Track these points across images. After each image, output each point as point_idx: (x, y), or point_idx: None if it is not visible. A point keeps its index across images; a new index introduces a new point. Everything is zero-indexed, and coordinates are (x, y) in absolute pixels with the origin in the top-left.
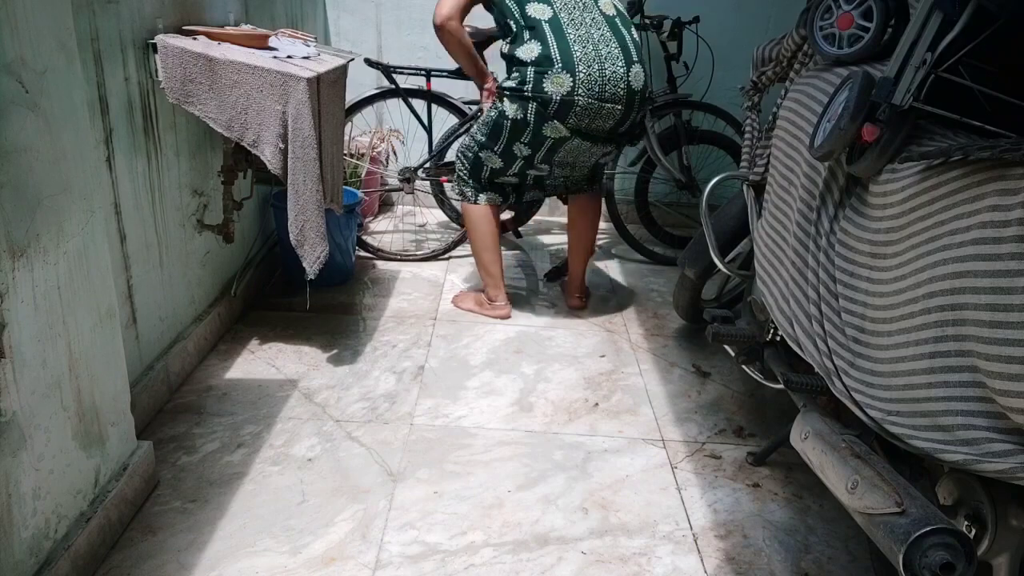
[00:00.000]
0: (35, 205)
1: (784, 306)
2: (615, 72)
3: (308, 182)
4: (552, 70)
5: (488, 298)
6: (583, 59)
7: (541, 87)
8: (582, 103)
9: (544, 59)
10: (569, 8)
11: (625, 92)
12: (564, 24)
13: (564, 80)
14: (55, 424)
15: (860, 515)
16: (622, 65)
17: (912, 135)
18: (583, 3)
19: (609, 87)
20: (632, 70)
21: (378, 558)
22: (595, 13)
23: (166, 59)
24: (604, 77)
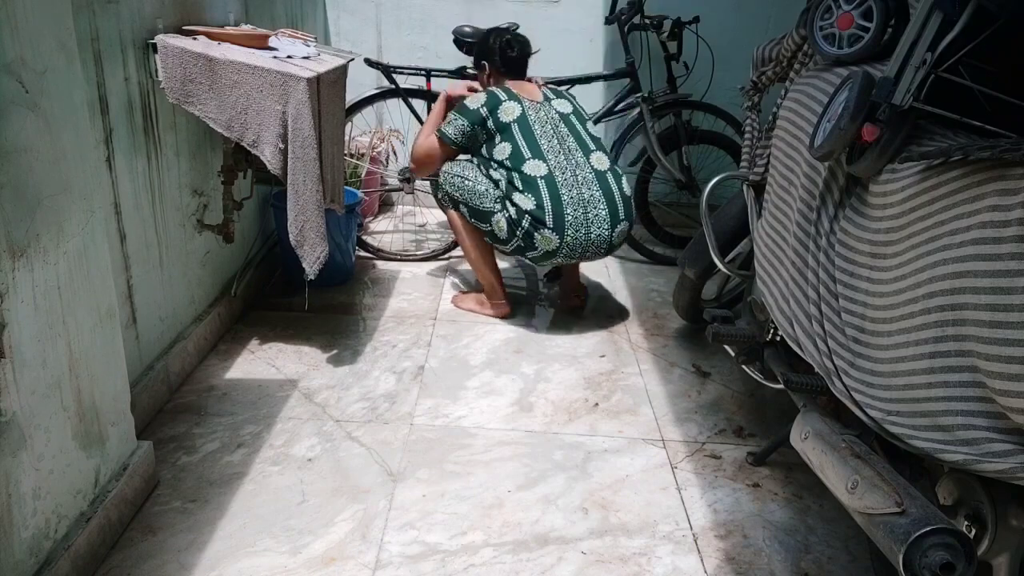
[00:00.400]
0: (35, 205)
1: (784, 306)
2: (600, 235)
3: (308, 182)
4: (543, 229)
5: (488, 296)
6: (572, 223)
7: (531, 240)
8: (563, 254)
9: (536, 216)
10: (563, 167)
11: (606, 249)
12: (559, 184)
13: (552, 239)
14: (55, 424)
15: (860, 515)
16: (607, 228)
17: (912, 135)
18: (576, 161)
19: (591, 249)
20: (617, 229)
21: (378, 558)
22: (587, 171)
23: (166, 59)
24: (589, 240)
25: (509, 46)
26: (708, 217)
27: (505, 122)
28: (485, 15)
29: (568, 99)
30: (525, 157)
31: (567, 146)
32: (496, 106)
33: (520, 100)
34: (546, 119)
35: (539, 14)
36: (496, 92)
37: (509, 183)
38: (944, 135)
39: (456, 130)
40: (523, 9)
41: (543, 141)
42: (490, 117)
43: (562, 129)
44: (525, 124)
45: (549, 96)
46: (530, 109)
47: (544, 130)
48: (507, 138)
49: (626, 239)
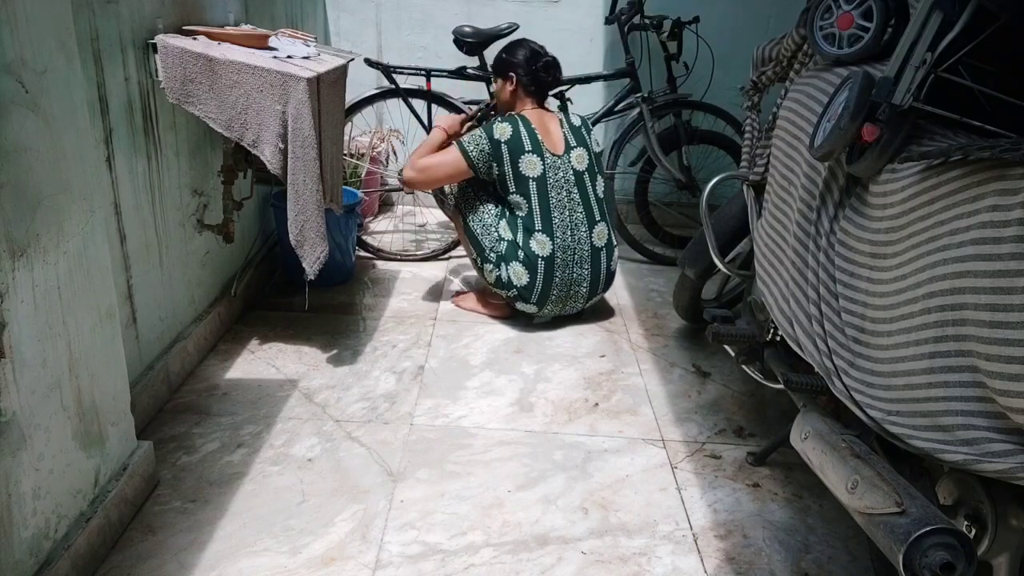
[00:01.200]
0: (35, 205)
1: (784, 306)
2: (573, 307)
3: (308, 182)
4: (525, 302)
5: (489, 296)
6: (553, 300)
7: (513, 301)
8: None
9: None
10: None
11: (575, 315)
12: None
13: (530, 308)
14: (55, 424)
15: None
16: (582, 303)
17: (912, 135)
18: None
19: (563, 314)
20: (591, 302)
21: (378, 558)
22: (586, 248)
23: (166, 59)
24: (563, 310)
25: (546, 70)
26: (708, 217)
27: (526, 176)
28: (485, 15)
29: (585, 144)
30: (535, 228)
31: (575, 218)
32: (518, 153)
33: (543, 154)
34: (563, 181)
35: (539, 14)
36: (520, 136)
37: (513, 249)
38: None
39: (477, 148)
40: (523, 9)
41: (555, 212)
42: (508, 159)
43: (575, 196)
44: (543, 187)
45: (570, 143)
46: (550, 168)
47: (559, 197)
48: (523, 193)
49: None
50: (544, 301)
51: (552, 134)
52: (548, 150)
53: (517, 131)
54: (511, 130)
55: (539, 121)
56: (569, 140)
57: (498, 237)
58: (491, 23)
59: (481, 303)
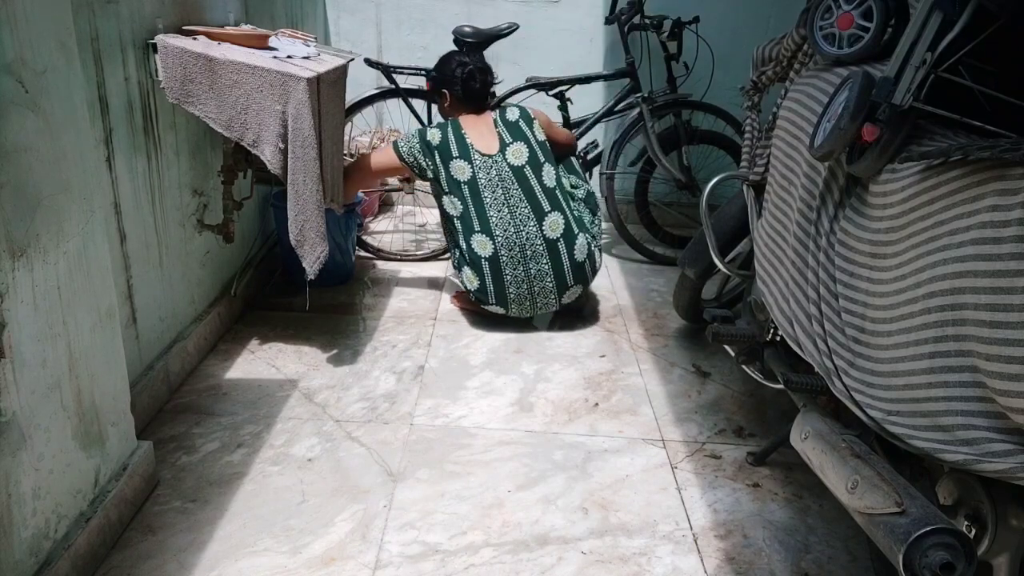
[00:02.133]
0: (35, 205)
1: (784, 306)
2: (547, 303)
3: (308, 182)
4: (489, 304)
5: None
6: (515, 299)
7: (483, 305)
8: (514, 316)
9: (479, 296)
10: (510, 243)
11: (557, 311)
12: (503, 264)
13: (498, 309)
14: (55, 424)
15: (860, 515)
16: (553, 298)
17: (912, 135)
18: (526, 233)
19: (541, 312)
20: (565, 295)
21: (378, 558)
22: (537, 242)
23: (166, 59)
24: (535, 308)
25: (472, 77)
26: (708, 217)
27: (456, 180)
28: (485, 15)
29: (524, 138)
30: (474, 229)
31: (518, 215)
32: (447, 158)
33: (471, 158)
34: (497, 181)
35: (539, 14)
36: (448, 141)
37: (462, 253)
38: (944, 135)
39: (408, 145)
40: (523, 9)
41: (492, 211)
42: (440, 163)
43: (513, 193)
44: (475, 189)
45: (505, 140)
46: (481, 169)
47: (495, 196)
48: (458, 196)
49: (584, 296)
50: (504, 301)
51: (484, 135)
52: (478, 151)
53: (446, 136)
54: (440, 135)
55: (470, 124)
56: (504, 137)
57: (455, 242)
58: (491, 23)
59: (477, 303)
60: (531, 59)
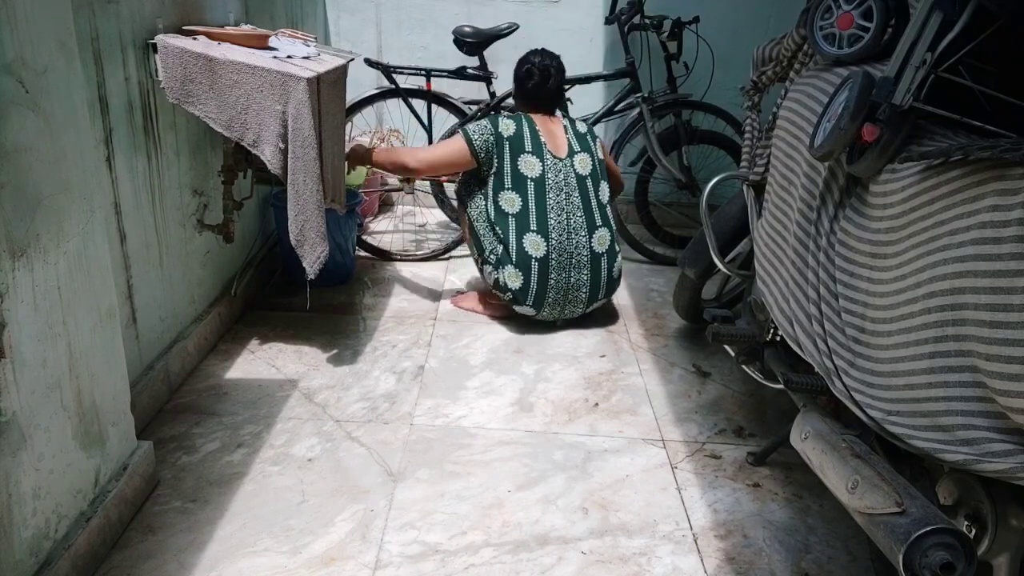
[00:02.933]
0: (35, 205)
1: (784, 306)
2: (572, 312)
3: (308, 182)
4: (523, 304)
5: (489, 297)
6: (550, 303)
7: (512, 303)
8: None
9: (518, 296)
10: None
11: (578, 319)
12: (552, 268)
13: (528, 311)
14: (55, 424)
15: (860, 515)
16: (581, 308)
17: (912, 135)
18: (576, 242)
19: (563, 319)
20: (592, 307)
21: (378, 558)
22: (584, 253)
23: (166, 59)
24: (562, 315)
25: (529, 76)
26: (708, 217)
27: (524, 175)
28: (485, 15)
29: (590, 150)
30: (529, 228)
31: (574, 222)
32: (518, 151)
33: (543, 155)
34: (563, 184)
35: (539, 14)
36: (523, 135)
37: (506, 251)
38: (944, 135)
39: (481, 137)
40: (523, 9)
41: (552, 215)
42: (509, 156)
43: (574, 199)
44: (542, 188)
45: (574, 147)
46: (550, 170)
47: (558, 199)
48: (520, 192)
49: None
50: (540, 304)
51: (556, 137)
52: (550, 152)
53: (520, 130)
54: (515, 127)
55: (543, 124)
56: (573, 145)
57: (496, 240)
58: (491, 23)
59: (481, 303)
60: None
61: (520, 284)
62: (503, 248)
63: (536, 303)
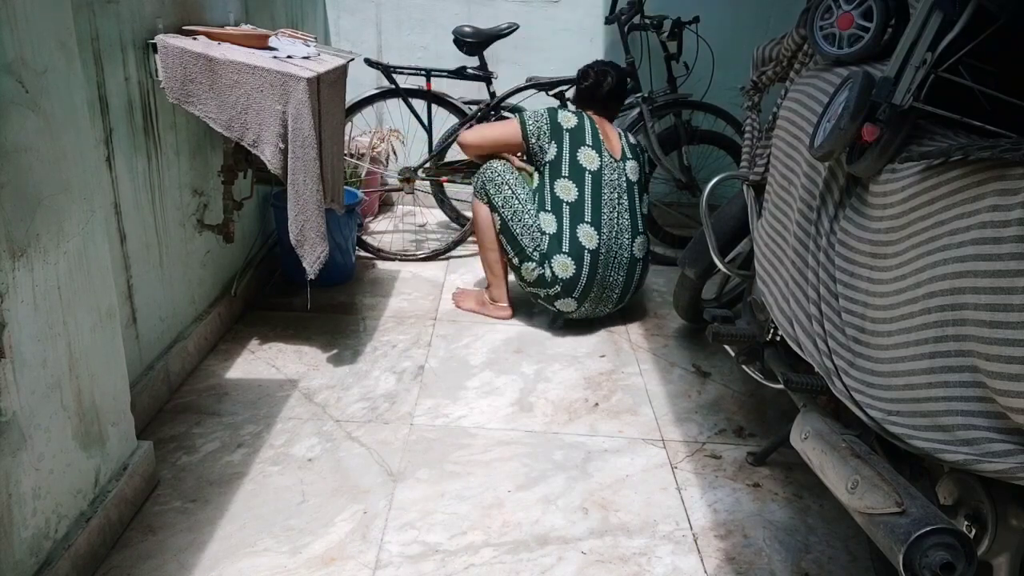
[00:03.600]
0: (35, 205)
1: (784, 306)
2: (601, 310)
3: (308, 182)
4: (567, 297)
5: (491, 298)
6: (591, 299)
7: (552, 298)
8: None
9: (567, 286)
10: (609, 245)
11: (628, 259)
12: (600, 262)
13: (569, 304)
14: (55, 424)
15: (860, 515)
16: (610, 307)
17: (912, 135)
18: (622, 243)
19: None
20: (619, 307)
21: (378, 558)
22: (626, 255)
23: (166, 59)
24: (593, 312)
25: (585, 76)
26: (708, 217)
27: (583, 167)
28: (485, 15)
29: (639, 161)
30: (584, 219)
31: (622, 223)
32: (579, 144)
33: (602, 151)
34: (616, 184)
35: (539, 14)
36: (584, 129)
37: (558, 240)
38: (944, 135)
39: (535, 124)
40: (523, 9)
41: (606, 209)
42: (568, 145)
43: (624, 201)
44: (599, 182)
45: (627, 153)
46: (607, 167)
47: (610, 196)
48: (577, 182)
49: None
50: (585, 296)
51: (611, 139)
52: (608, 151)
53: (582, 124)
54: (576, 121)
55: (600, 124)
56: (626, 151)
57: (540, 234)
58: (491, 23)
59: (479, 304)
60: (531, 59)
61: (572, 273)
62: (550, 240)
63: (582, 295)
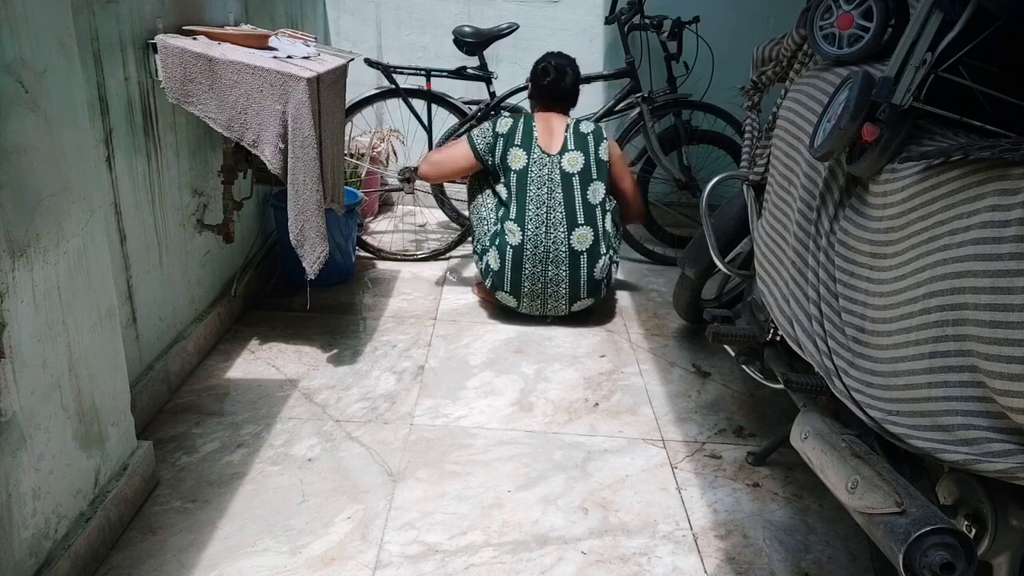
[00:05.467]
0: (35, 205)
1: (784, 306)
2: (556, 308)
3: (308, 182)
4: (501, 291)
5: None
6: (528, 294)
7: (495, 292)
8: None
9: (496, 281)
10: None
11: (565, 317)
12: (525, 258)
13: (509, 299)
14: (55, 424)
15: (860, 515)
16: (564, 305)
17: (912, 135)
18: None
19: (550, 315)
20: (575, 305)
21: (378, 558)
22: (562, 249)
23: (166, 59)
24: (545, 309)
25: (545, 72)
26: (708, 217)
27: (509, 167)
28: (485, 15)
29: (586, 150)
30: (510, 216)
31: (553, 217)
32: (509, 145)
33: (531, 149)
34: (546, 178)
35: (539, 14)
36: (516, 131)
37: (492, 237)
38: (944, 135)
39: (483, 140)
40: (523, 9)
41: (531, 206)
42: (501, 150)
43: (556, 195)
44: (523, 180)
45: (568, 145)
46: (535, 163)
47: (539, 193)
48: (506, 183)
49: (592, 307)
50: (518, 292)
51: (553, 134)
52: (540, 147)
53: (515, 126)
54: (511, 124)
55: (544, 120)
56: (568, 143)
57: (487, 229)
58: (491, 23)
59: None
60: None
61: (498, 267)
62: (489, 236)
63: (513, 291)
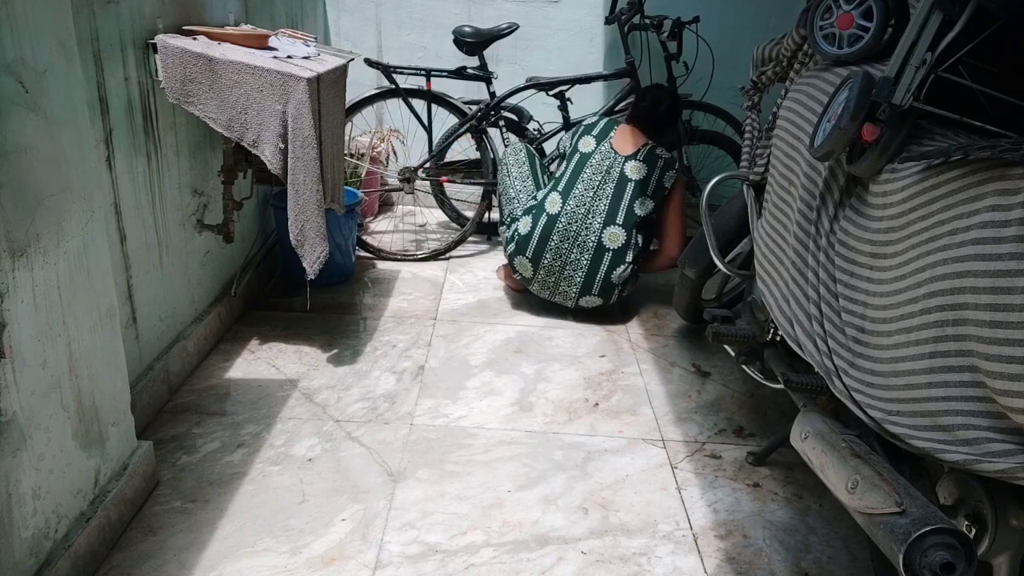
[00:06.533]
0: (35, 205)
1: (784, 306)
2: (565, 293)
3: (308, 182)
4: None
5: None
6: (545, 267)
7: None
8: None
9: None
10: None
11: (571, 307)
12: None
13: (527, 266)
14: (55, 424)
15: (860, 515)
16: (574, 293)
17: (912, 135)
18: (589, 224)
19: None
20: (583, 299)
21: (378, 558)
22: (592, 237)
23: (166, 59)
24: (556, 291)
25: (642, 97)
26: (708, 217)
27: (577, 148)
28: (485, 15)
29: (653, 168)
30: (557, 188)
31: (595, 206)
32: (586, 133)
33: (602, 142)
34: (605, 170)
35: (539, 14)
36: (597, 125)
37: (532, 206)
38: (944, 135)
39: None
40: (523, 9)
41: (580, 186)
42: (580, 135)
43: (607, 188)
44: (583, 163)
45: (637, 156)
46: (599, 153)
47: (592, 177)
48: (568, 160)
49: (597, 308)
50: (538, 261)
51: (627, 141)
52: (611, 144)
53: (598, 123)
54: (596, 120)
55: (624, 130)
56: (639, 155)
57: (523, 201)
58: (491, 23)
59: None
60: (531, 59)
61: (526, 232)
62: (528, 207)
63: (534, 259)
